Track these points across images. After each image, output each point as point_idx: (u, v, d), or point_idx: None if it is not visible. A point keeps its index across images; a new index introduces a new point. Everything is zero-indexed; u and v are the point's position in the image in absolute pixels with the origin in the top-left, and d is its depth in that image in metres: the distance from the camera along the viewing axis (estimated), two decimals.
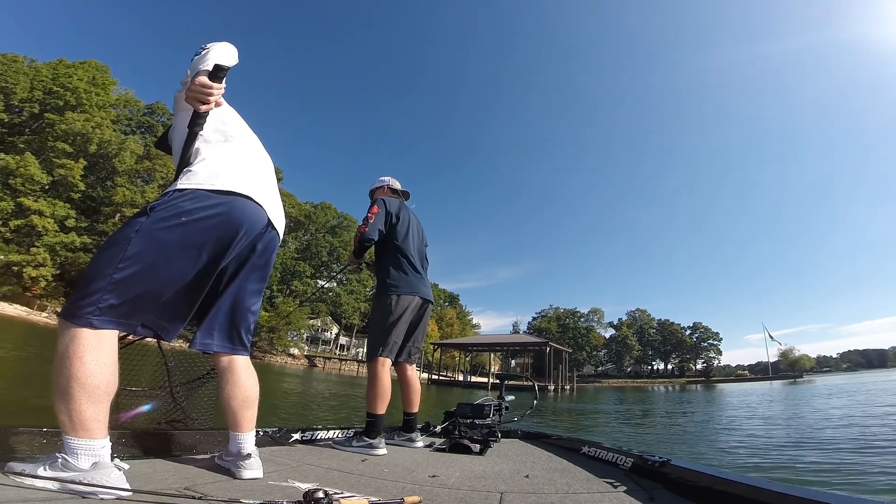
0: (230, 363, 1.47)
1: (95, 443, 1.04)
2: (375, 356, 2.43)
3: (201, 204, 1.25)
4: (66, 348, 1.06)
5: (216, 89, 1.28)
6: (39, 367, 7.38)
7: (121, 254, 1.13)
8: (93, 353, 1.07)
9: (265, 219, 1.43)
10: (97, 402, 1.05)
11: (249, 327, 1.51)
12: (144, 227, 1.17)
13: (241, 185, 1.35)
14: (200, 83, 1.26)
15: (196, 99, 1.27)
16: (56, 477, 1.00)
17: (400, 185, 3.00)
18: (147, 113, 49.49)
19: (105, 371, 1.08)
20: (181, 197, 1.24)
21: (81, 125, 35.00)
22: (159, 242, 1.18)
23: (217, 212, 1.27)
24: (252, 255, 1.44)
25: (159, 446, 1.61)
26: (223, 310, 1.44)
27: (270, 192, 1.50)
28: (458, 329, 74.39)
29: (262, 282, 1.52)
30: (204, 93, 1.26)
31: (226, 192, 1.31)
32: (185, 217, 1.21)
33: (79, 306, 1.09)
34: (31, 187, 31.47)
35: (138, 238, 1.16)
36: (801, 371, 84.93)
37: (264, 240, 1.45)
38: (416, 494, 1.24)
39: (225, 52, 1.36)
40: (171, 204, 1.22)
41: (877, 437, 5.54)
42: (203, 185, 1.28)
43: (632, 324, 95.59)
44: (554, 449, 2.41)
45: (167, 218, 1.20)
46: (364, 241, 2.55)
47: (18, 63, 35.65)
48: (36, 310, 30.19)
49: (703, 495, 1.29)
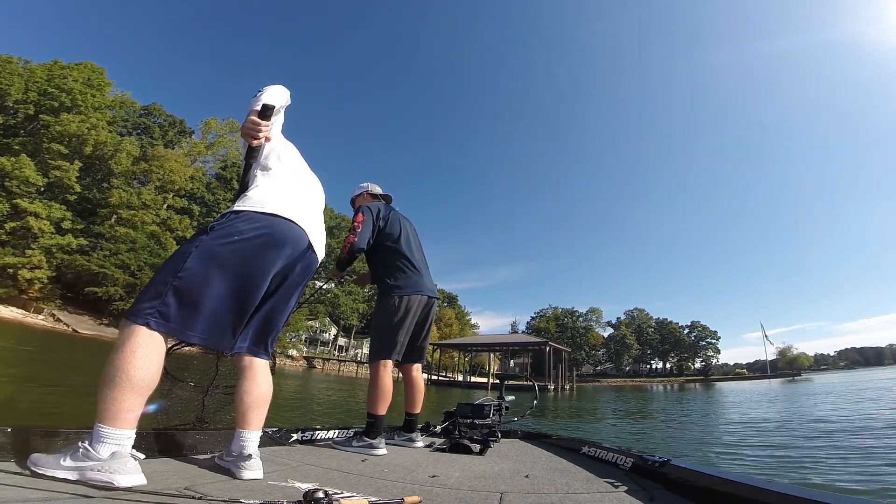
0: (251, 363, 1.57)
1: (123, 433, 1.13)
2: (378, 358, 2.42)
3: (251, 225, 1.41)
4: (123, 343, 1.18)
5: (264, 126, 1.46)
6: (39, 370, 7.35)
7: (181, 265, 1.27)
8: (143, 350, 1.18)
9: (306, 241, 1.57)
10: (137, 395, 1.15)
11: (276, 337, 1.64)
12: (204, 243, 1.33)
13: (284, 209, 1.50)
14: (251, 122, 1.45)
15: (248, 135, 1.47)
16: (76, 467, 1.09)
17: (380, 190, 2.97)
18: (143, 114, 49.27)
19: (151, 368, 1.19)
20: (236, 219, 1.41)
21: (77, 127, 34.79)
22: (215, 257, 1.32)
23: (263, 232, 1.42)
24: (292, 273, 1.57)
25: (159, 446, 1.60)
26: (257, 319, 1.55)
27: (313, 217, 1.65)
28: (457, 329, 74.39)
29: (294, 298, 1.65)
30: (254, 130, 1.45)
31: (271, 215, 1.46)
32: (237, 236, 1.37)
33: (140, 307, 1.22)
34: (26, 189, 31.24)
35: (197, 252, 1.30)
36: (799, 369, 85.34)
37: (305, 261, 1.59)
38: (416, 494, 1.24)
39: (275, 94, 1.54)
40: (227, 224, 1.39)
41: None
42: (255, 208, 1.45)
43: (630, 323, 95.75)
44: (554, 449, 2.41)
45: (223, 236, 1.36)
46: (354, 251, 2.50)
47: (13, 64, 35.41)
48: (32, 312, 29.98)
49: (704, 495, 1.29)
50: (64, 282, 32.95)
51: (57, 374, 7.10)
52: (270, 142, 1.59)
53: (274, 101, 1.49)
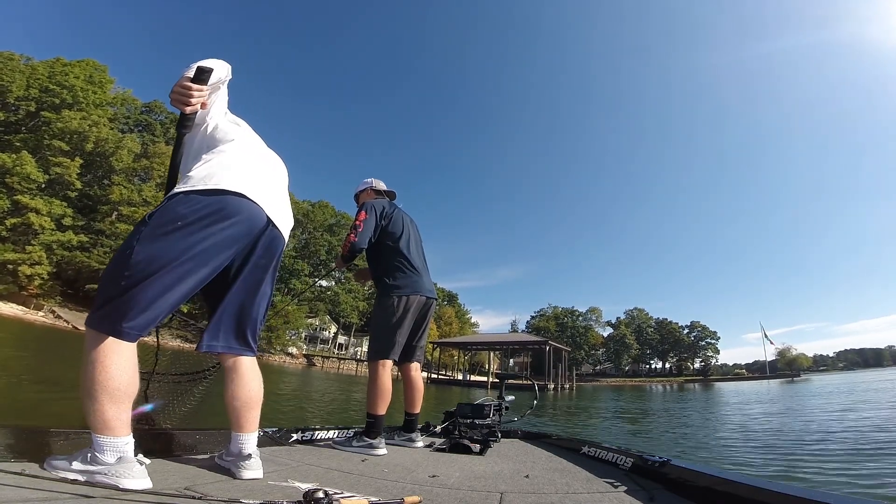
0: (235, 363, 1.49)
1: (119, 440, 1.13)
2: (377, 358, 2.42)
3: (194, 206, 1.27)
4: (90, 353, 1.14)
5: (196, 90, 1.32)
6: (43, 368, 7.36)
7: (126, 262, 1.18)
8: (113, 358, 1.14)
9: (263, 217, 1.42)
10: (118, 403, 1.13)
11: (256, 329, 1.53)
12: (144, 234, 1.21)
13: (233, 184, 1.35)
14: (180, 85, 1.32)
15: (178, 100, 1.32)
16: (86, 470, 1.11)
17: (385, 186, 2.92)
18: (144, 111, 49.29)
19: (125, 374, 1.15)
20: (176, 202, 1.28)
21: (78, 123, 34.79)
22: (160, 248, 1.21)
23: (208, 211, 1.28)
24: (253, 254, 1.44)
25: (159, 446, 1.60)
26: (229, 311, 1.46)
27: (271, 191, 1.50)
28: (457, 328, 74.41)
29: (266, 283, 1.52)
30: (185, 94, 1.31)
31: (217, 191, 1.32)
32: (180, 221, 1.24)
33: (97, 315, 1.17)
34: (27, 185, 31.25)
35: (140, 246, 1.19)
36: (799, 370, 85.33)
37: (265, 238, 1.45)
38: (416, 494, 1.23)
39: (210, 61, 1.40)
40: (165, 209, 1.26)
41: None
42: (196, 187, 1.31)
43: (630, 323, 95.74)
44: (554, 449, 2.40)
45: (163, 224, 1.23)
46: (355, 250, 2.47)
47: (14, 61, 35.38)
48: (32, 309, 30.02)
49: (704, 495, 1.29)
50: (64, 278, 32.99)
51: (57, 372, 7.11)
52: (215, 118, 1.48)
53: (209, 64, 1.36)
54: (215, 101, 1.51)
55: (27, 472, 1.01)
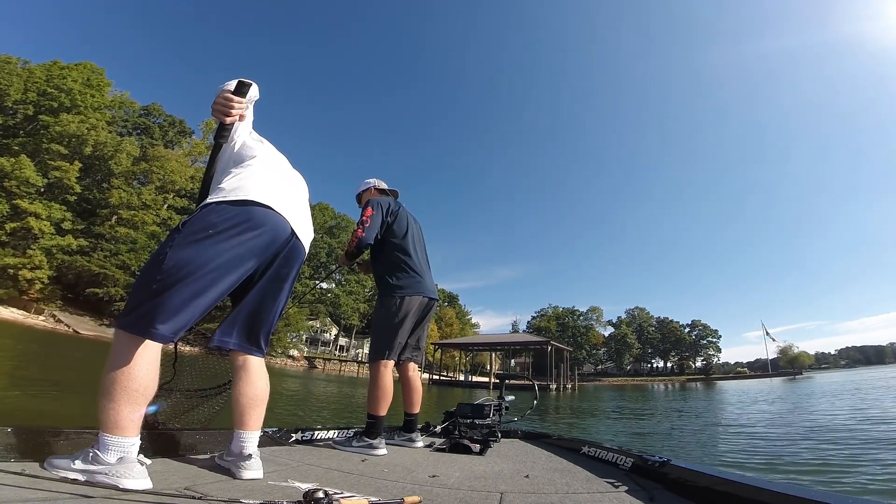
0: (245, 362, 1.54)
1: (126, 440, 1.14)
2: (379, 359, 2.41)
3: (224, 216, 1.35)
4: (116, 354, 1.17)
5: (236, 102, 1.42)
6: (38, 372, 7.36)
7: (159, 267, 1.23)
8: (138, 360, 1.17)
9: (288, 228, 1.51)
10: (135, 404, 1.16)
11: (269, 332, 1.59)
12: (177, 241, 1.28)
13: (261, 196, 1.44)
14: (223, 96, 1.41)
15: (219, 111, 1.42)
16: (87, 469, 1.11)
17: (386, 185, 2.93)
18: (143, 115, 49.27)
19: (147, 377, 1.18)
20: (208, 212, 1.36)
21: (76, 127, 34.80)
22: (191, 255, 1.27)
23: (237, 221, 1.36)
24: (275, 262, 1.52)
25: (159, 446, 1.60)
26: (245, 312, 1.53)
27: (295, 204, 1.59)
28: (458, 329, 74.42)
29: (284, 291, 1.59)
30: (226, 105, 1.41)
31: (246, 202, 1.40)
32: (211, 230, 1.32)
33: (128, 317, 1.20)
34: (26, 190, 31.26)
35: (173, 252, 1.26)
36: (800, 368, 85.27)
37: (287, 248, 1.53)
38: (416, 494, 1.23)
39: (248, 80, 1.50)
40: (198, 218, 1.34)
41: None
42: (228, 198, 1.40)
43: (631, 322, 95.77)
44: (554, 449, 2.40)
45: (196, 231, 1.31)
46: (362, 245, 2.48)
47: (12, 64, 35.41)
48: (32, 313, 30.00)
49: (704, 495, 1.28)
50: (64, 282, 32.98)
51: (57, 375, 7.11)
52: (242, 136, 1.56)
53: (249, 81, 1.45)
54: (249, 116, 1.60)
55: (27, 472, 1.01)
